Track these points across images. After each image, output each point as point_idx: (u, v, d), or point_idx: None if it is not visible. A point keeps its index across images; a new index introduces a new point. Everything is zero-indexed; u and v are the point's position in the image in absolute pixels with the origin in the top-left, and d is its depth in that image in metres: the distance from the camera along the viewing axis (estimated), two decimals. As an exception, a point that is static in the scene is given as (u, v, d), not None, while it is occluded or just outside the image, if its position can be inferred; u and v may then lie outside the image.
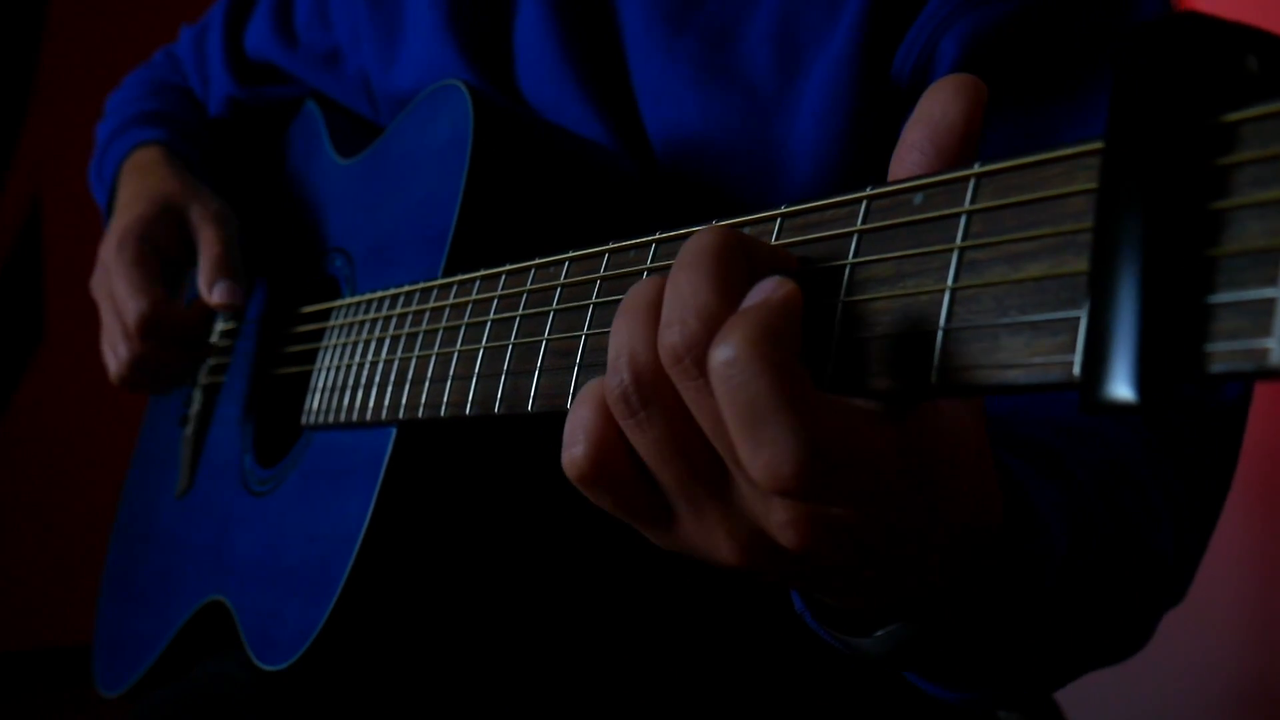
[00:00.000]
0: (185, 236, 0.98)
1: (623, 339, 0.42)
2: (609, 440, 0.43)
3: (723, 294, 0.39)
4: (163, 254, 0.96)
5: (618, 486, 0.44)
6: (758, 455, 0.37)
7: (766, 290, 0.38)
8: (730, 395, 0.37)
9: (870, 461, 0.38)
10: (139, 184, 1.02)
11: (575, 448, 0.43)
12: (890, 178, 0.41)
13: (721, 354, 0.37)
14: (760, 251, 0.42)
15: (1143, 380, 0.30)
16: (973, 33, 0.67)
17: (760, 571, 0.44)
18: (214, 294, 0.93)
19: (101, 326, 0.98)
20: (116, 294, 0.94)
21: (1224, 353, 0.29)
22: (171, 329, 0.93)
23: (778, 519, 0.40)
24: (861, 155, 0.72)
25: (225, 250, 0.95)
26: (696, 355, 0.38)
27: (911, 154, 0.41)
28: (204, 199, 0.99)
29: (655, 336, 0.41)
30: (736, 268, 0.39)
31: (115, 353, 0.96)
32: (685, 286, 0.39)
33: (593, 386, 0.44)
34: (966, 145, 0.40)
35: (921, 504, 0.40)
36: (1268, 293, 0.28)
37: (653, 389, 0.41)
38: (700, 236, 0.40)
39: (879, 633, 0.47)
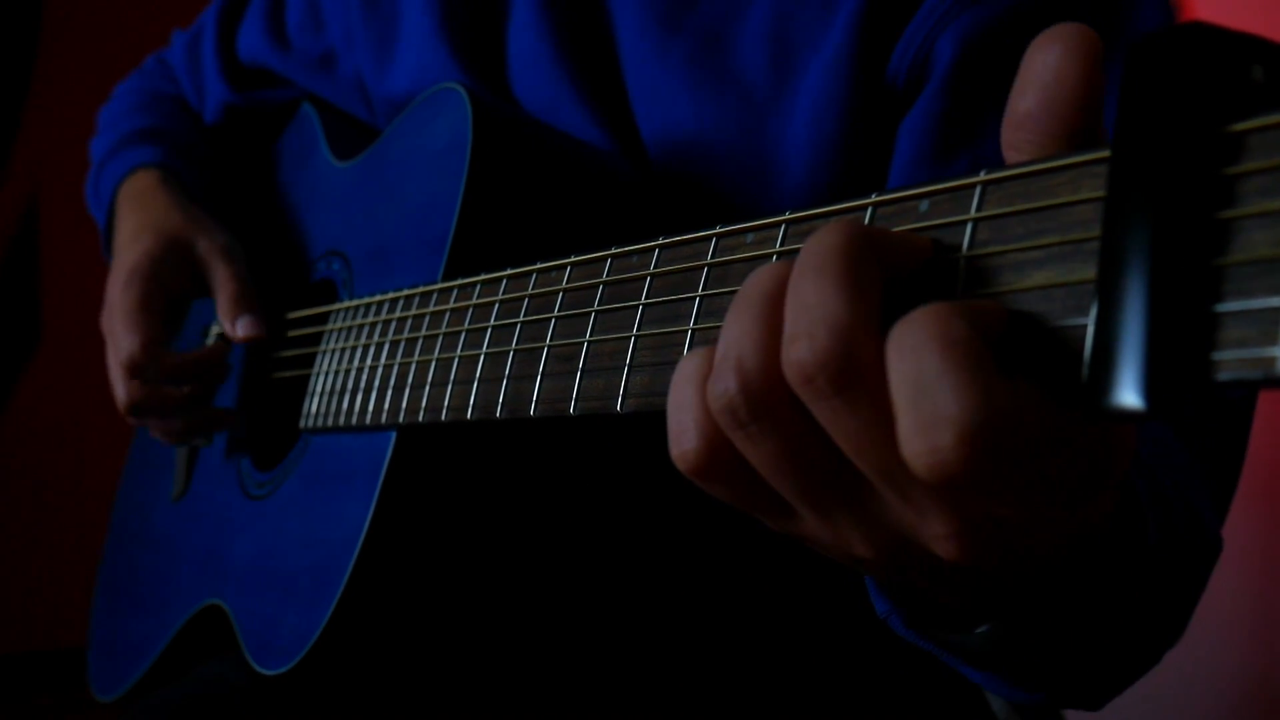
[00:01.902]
0: (193, 271, 0.98)
1: (732, 337, 0.38)
2: (722, 435, 0.39)
3: (855, 302, 0.35)
4: (169, 292, 0.96)
5: (735, 482, 0.40)
6: (919, 439, 0.33)
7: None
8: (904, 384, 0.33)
9: (1043, 445, 0.34)
10: (140, 215, 1.01)
11: (686, 442, 0.39)
12: (1007, 161, 0.38)
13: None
14: (891, 245, 0.38)
15: (1150, 388, 0.30)
16: (969, 32, 0.67)
17: (895, 572, 0.41)
18: (238, 329, 0.93)
19: (108, 366, 0.98)
20: (115, 333, 0.93)
21: (1231, 361, 0.29)
22: (163, 369, 0.93)
23: (934, 531, 0.37)
24: (856, 156, 0.72)
25: (241, 286, 0.95)
26: (831, 374, 0.35)
27: (1022, 130, 0.36)
28: (209, 231, 0.99)
29: (771, 341, 0.37)
30: (868, 270, 0.36)
31: (115, 391, 0.96)
32: (812, 295, 0.35)
33: (697, 368, 0.40)
34: (1089, 111, 0.36)
35: (1077, 496, 0.37)
36: (1274, 302, 0.28)
37: (765, 402, 0.37)
38: (825, 235, 0.36)
39: (980, 630, 0.44)
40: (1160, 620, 0.55)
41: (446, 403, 0.65)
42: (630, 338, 0.51)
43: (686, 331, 0.48)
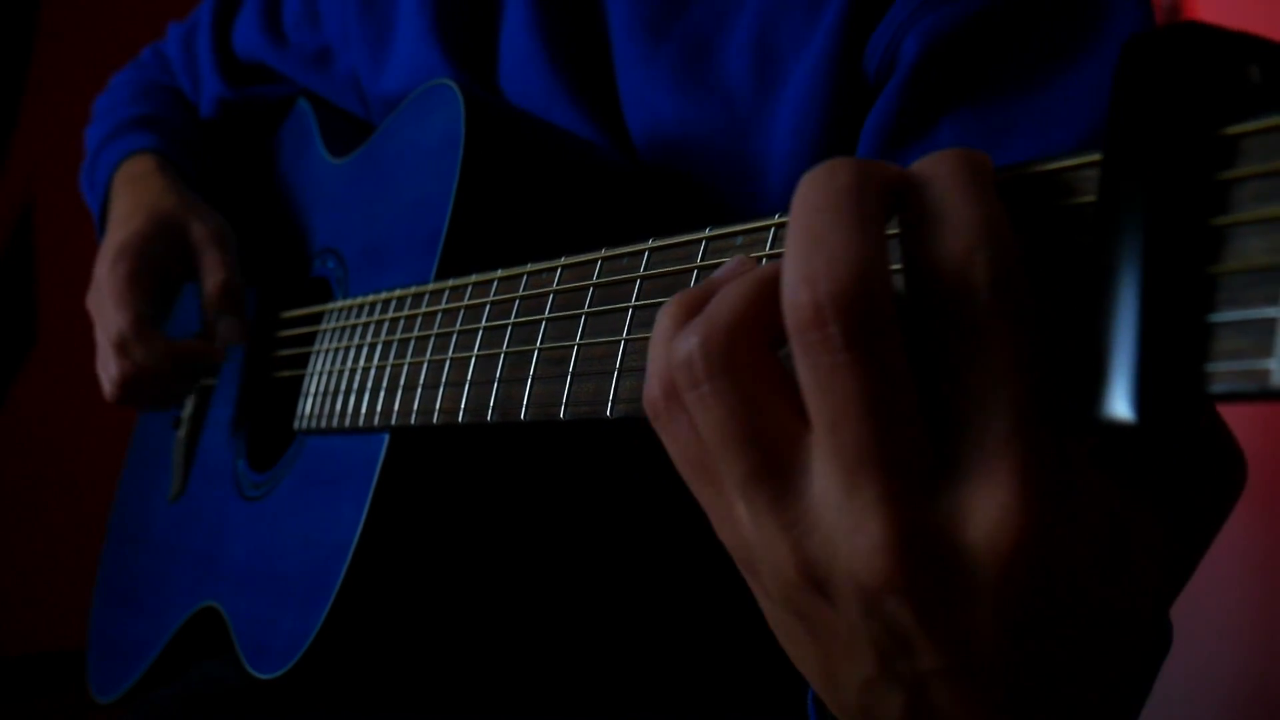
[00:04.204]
0: (183, 253, 0.97)
1: (724, 294, 0.36)
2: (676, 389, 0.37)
3: (880, 247, 0.33)
4: (159, 271, 0.95)
5: (679, 444, 0.38)
6: (940, 235, 0.32)
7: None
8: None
9: (1084, 497, 0.32)
10: (134, 197, 1.01)
11: (648, 389, 0.38)
12: None
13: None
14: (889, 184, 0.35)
15: (1142, 399, 0.29)
16: (932, 32, 0.67)
17: (808, 621, 0.36)
18: (220, 331, 0.93)
19: (97, 344, 0.97)
20: (104, 310, 0.93)
21: (1225, 373, 0.28)
22: (151, 349, 0.92)
23: (870, 541, 0.33)
24: (838, 155, 0.71)
25: (229, 276, 0.94)
26: (850, 318, 0.32)
27: None
28: (203, 215, 0.98)
29: (740, 305, 0.35)
30: (882, 211, 0.34)
31: (105, 370, 0.95)
32: (831, 234, 0.33)
33: (668, 313, 0.38)
34: None
35: (1113, 603, 0.34)
36: (1269, 312, 0.27)
37: (725, 360, 0.35)
38: (830, 170, 0.34)
39: None
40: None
41: (438, 405, 0.65)
42: (620, 341, 0.50)
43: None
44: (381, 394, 0.71)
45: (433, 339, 0.67)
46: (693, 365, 0.35)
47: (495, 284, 0.63)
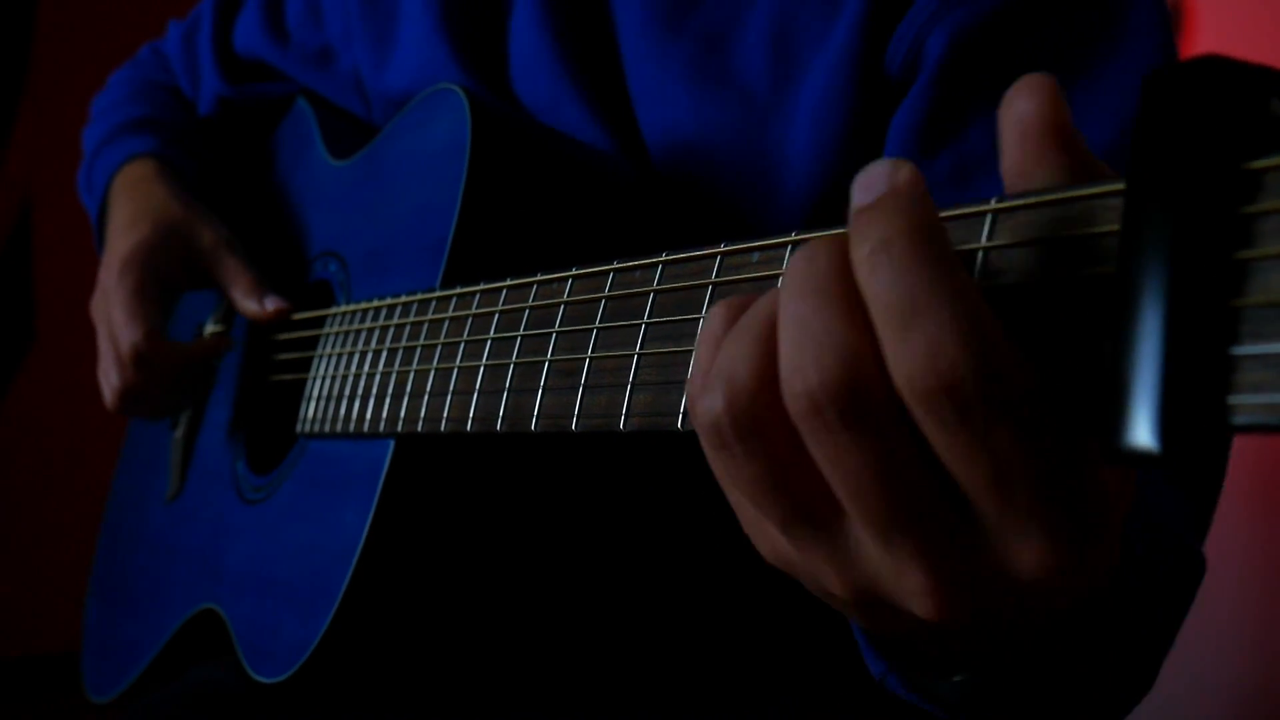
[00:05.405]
0: (190, 261, 0.97)
1: (727, 356, 0.36)
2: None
3: (865, 329, 0.33)
4: (165, 280, 0.96)
5: (726, 479, 0.39)
6: (908, 347, 0.31)
7: (884, 178, 0.33)
8: (883, 292, 0.32)
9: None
10: (136, 204, 1.01)
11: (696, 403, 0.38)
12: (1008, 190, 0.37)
13: (867, 249, 0.32)
14: None
15: (1165, 430, 0.29)
16: (959, 29, 0.67)
17: (865, 618, 0.39)
18: (267, 304, 0.93)
19: (98, 352, 0.97)
20: (113, 321, 0.93)
21: (1248, 405, 0.29)
22: (165, 359, 0.93)
23: (911, 586, 0.35)
24: (858, 154, 0.72)
25: (254, 276, 0.95)
26: (843, 407, 0.33)
27: (1010, 156, 0.36)
28: (210, 222, 0.99)
29: (764, 367, 0.35)
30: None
31: (108, 380, 0.95)
32: (817, 320, 0.33)
33: (714, 329, 0.38)
34: (1059, 134, 0.35)
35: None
36: (1292, 346, 0.28)
37: (753, 427, 0.36)
38: (808, 255, 0.35)
39: (955, 679, 0.43)
40: (1144, 653, 0.53)
41: (445, 413, 0.65)
42: (633, 355, 0.50)
43: (691, 351, 0.47)
44: (388, 400, 0.71)
45: (440, 346, 0.67)
46: (721, 430, 0.36)
47: (504, 293, 0.63)
